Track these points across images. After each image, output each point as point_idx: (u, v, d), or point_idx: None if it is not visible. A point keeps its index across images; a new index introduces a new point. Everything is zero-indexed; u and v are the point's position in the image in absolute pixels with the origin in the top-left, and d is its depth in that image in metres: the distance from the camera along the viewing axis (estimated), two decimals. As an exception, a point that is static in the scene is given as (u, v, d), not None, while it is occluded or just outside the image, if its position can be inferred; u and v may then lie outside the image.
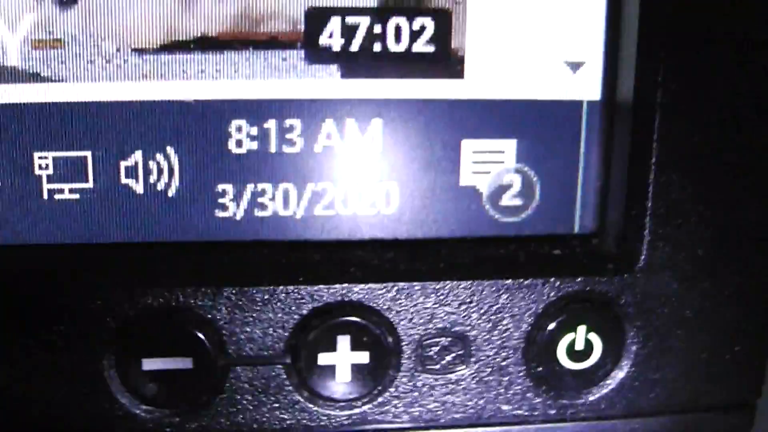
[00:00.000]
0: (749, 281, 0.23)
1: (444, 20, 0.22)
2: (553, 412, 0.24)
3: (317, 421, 0.23)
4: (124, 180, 0.23)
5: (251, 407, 0.23)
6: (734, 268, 0.23)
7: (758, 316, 0.24)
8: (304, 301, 0.22)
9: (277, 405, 0.23)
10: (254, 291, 0.22)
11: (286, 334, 0.22)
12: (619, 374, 0.24)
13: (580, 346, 0.23)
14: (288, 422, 0.23)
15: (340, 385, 0.23)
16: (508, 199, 0.24)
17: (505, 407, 0.23)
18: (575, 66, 0.23)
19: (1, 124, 0.22)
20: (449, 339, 0.23)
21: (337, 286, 0.22)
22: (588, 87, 0.23)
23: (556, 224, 0.24)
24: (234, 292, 0.22)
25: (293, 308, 0.22)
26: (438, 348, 0.23)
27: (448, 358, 0.23)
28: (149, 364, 0.22)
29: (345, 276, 0.22)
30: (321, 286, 0.22)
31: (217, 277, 0.22)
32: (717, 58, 0.22)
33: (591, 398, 0.24)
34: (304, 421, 0.23)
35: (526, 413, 0.23)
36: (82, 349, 0.22)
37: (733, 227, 0.23)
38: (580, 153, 0.23)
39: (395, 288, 0.22)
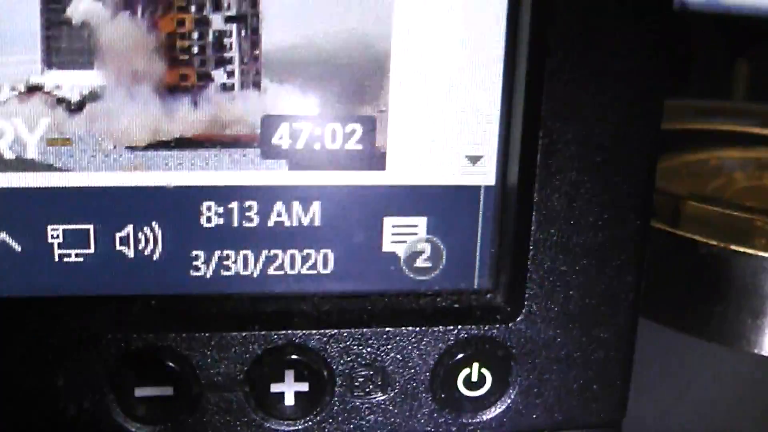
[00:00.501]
0: (610, 328, 0.30)
1: (370, 125, 0.29)
2: (454, 429, 0.30)
3: (269, 435, 0.30)
4: (118, 247, 0.29)
5: (218, 424, 0.29)
6: (597, 320, 0.30)
7: (619, 354, 0.30)
8: (259, 343, 0.29)
9: (238, 423, 0.29)
10: (221, 335, 0.29)
11: (245, 368, 0.29)
12: (507, 400, 0.30)
13: (474, 378, 0.30)
14: (246, 436, 0.30)
15: (287, 407, 0.29)
16: (420, 262, 0.30)
17: (416, 425, 0.30)
18: (475, 159, 0.29)
19: (22, 202, 0.28)
20: (371, 372, 0.29)
21: (284, 331, 0.29)
22: (485, 175, 0.29)
23: (459, 282, 0.30)
24: (206, 335, 0.29)
25: (251, 348, 0.29)
26: (363, 379, 0.29)
27: (371, 386, 0.29)
28: (140, 392, 0.28)
29: (291, 324, 0.29)
30: (272, 332, 0.29)
31: (192, 323, 0.28)
32: (587, 153, 0.29)
33: (485, 418, 0.30)
34: (259, 435, 0.30)
35: (432, 429, 0.30)
36: (87, 380, 0.28)
37: (597, 289, 0.29)
38: (479, 227, 0.30)
39: (329, 333, 0.29)
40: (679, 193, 0.38)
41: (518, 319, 0.29)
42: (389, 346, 0.29)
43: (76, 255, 0.29)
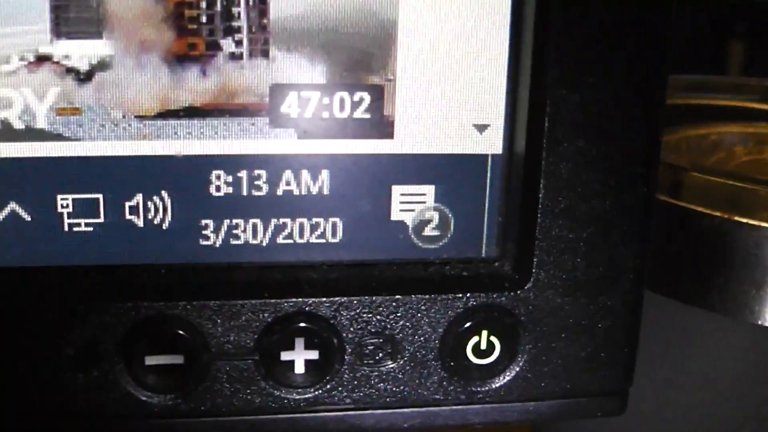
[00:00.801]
0: (617, 296, 0.30)
1: (378, 93, 0.29)
2: (463, 396, 0.31)
3: (279, 403, 0.30)
4: (128, 216, 0.29)
5: (228, 392, 0.30)
6: (604, 288, 0.30)
7: (625, 323, 0.31)
8: (268, 311, 0.29)
9: (248, 391, 0.30)
10: (230, 303, 0.29)
11: (255, 336, 0.29)
12: (515, 368, 0.31)
13: (483, 346, 0.30)
14: (257, 404, 0.30)
15: (297, 375, 0.30)
16: (428, 231, 0.30)
17: (425, 393, 0.30)
18: (482, 128, 0.30)
19: (32, 172, 0.28)
20: (381, 340, 0.30)
21: (293, 299, 0.29)
22: (492, 144, 0.30)
23: (467, 251, 0.30)
24: (215, 304, 0.29)
25: (260, 316, 0.29)
26: (372, 347, 0.30)
27: (380, 355, 0.30)
28: (150, 360, 0.29)
29: (300, 292, 0.29)
30: (281, 300, 0.29)
31: (202, 292, 0.29)
32: (593, 122, 0.29)
33: (493, 386, 0.31)
34: (269, 403, 0.30)
35: (442, 397, 0.30)
36: (97, 349, 0.28)
37: (603, 257, 0.30)
38: (486, 196, 0.30)
39: (338, 301, 0.29)
40: (681, 165, 0.38)
41: (526, 287, 0.30)
42: (398, 314, 0.30)
43: (86, 224, 0.29)
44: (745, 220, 0.36)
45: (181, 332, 0.29)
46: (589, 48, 0.28)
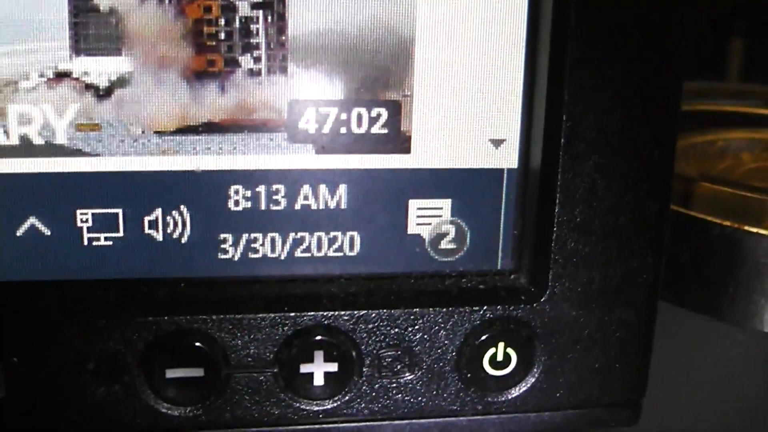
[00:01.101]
0: (631, 309, 0.31)
1: (395, 109, 0.29)
2: (480, 407, 0.31)
3: (298, 415, 0.30)
4: (147, 231, 0.29)
5: (248, 405, 0.30)
6: (619, 301, 0.31)
7: (639, 335, 0.31)
8: (288, 324, 0.30)
9: (267, 403, 0.30)
10: (250, 317, 0.29)
11: (274, 349, 0.30)
12: (531, 379, 0.31)
13: (500, 358, 0.31)
14: (276, 415, 0.30)
15: (316, 388, 0.30)
16: (445, 244, 0.31)
17: (442, 403, 0.31)
18: (498, 143, 0.30)
19: (51, 187, 0.28)
20: (399, 352, 0.30)
21: (312, 313, 0.30)
22: (508, 158, 0.30)
23: (483, 264, 0.31)
24: (235, 317, 0.29)
25: (280, 330, 0.30)
26: (390, 359, 0.30)
27: (398, 366, 0.30)
28: (171, 374, 0.29)
29: (319, 305, 0.30)
30: (300, 313, 0.30)
31: (221, 306, 0.29)
32: (608, 137, 0.30)
33: (509, 397, 0.31)
34: (288, 415, 0.30)
35: (458, 408, 0.31)
36: (118, 363, 0.29)
37: (618, 271, 0.30)
38: (502, 209, 0.31)
39: (357, 314, 0.30)
40: (689, 174, 0.39)
41: (542, 300, 0.30)
42: (416, 327, 0.30)
43: (105, 239, 0.29)
44: (754, 230, 0.37)
45: (200, 345, 0.29)
46: (604, 64, 0.29)
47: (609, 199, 0.30)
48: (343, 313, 0.30)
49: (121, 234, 0.29)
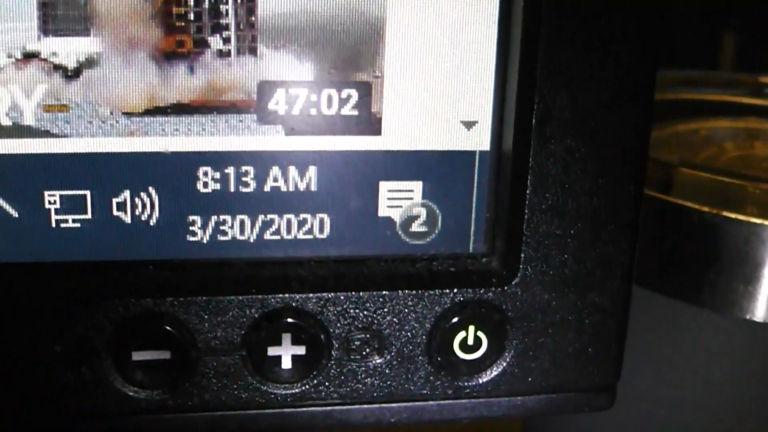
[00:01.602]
0: (605, 293, 0.31)
1: (366, 90, 0.29)
2: (450, 391, 0.31)
3: (266, 398, 0.30)
4: (115, 212, 0.29)
5: (216, 388, 0.30)
6: (592, 284, 0.31)
7: (613, 319, 0.31)
8: (255, 307, 0.30)
9: (235, 386, 0.30)
10: (218, 299, 0.29)
11: (242, 332, 0.30)
12: (502, 363, 0.31)
13: (471, 341, 0.31)
14: (244, 399, 0.30)
15: (284, 371, 0.30)
16: (416, 227, 0.31)
17: (412, 387, 0.31)
18: (470, 124, 0.30)
19: (19, 169, 0.28)
20: (368, 335, 0.30)
21: (280, 295, 0.30)
22: (480, 141, 0.30)
23: (454, 247, 0.31)
24: (203, 299, 0.29)
25: (248, 312, 0.29)
26: (359, 342, 0.30)
27: (368, 350, 0.30)
28: (138, 356, 0.29)
29: (287, 288, 0.30)
30: (269, 296, 0.30)
31: (189, 288, 0.29)
32: (581, 120, 0.30)
33: (481, 381, 0.31)
34: (257, 398, 0.30)
35: (429, 392, 0.31)
36: (86, 346, 0.29)
37: (591, 254, 0.30)
38: (474, 192, 0.31)
39: (326, 297, 0.30)
40: (671, 161, 0.39)
41: (513, 283, 0.30)
42: (385, 310, 0.30)
43: (73, 221, 0.29)
44: (734, 216, 0.37)
45: (168, 328, 0.29)
46: (577, 46, 0.29)
47: (582, 182, 0.30)
48: (311, 295, 0.30)
49: (89, 216, 0.29)
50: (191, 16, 0.28)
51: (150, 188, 0.29)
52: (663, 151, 0.42)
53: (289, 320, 0.30)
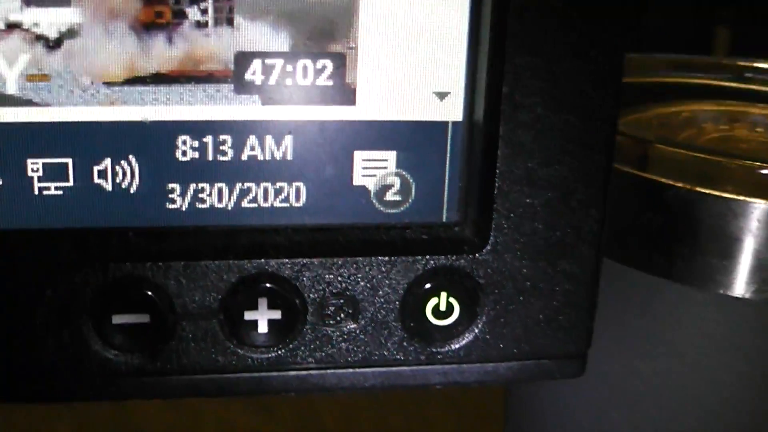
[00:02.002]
0: (575, 261, 0.32)
1: (340, 61, 0.30)
2: (423, 357, 0.32)
3: (243, 363, 0.31)
4: (96, 180, 0.30)
5: (194, 352, 0.31)
6: (563, 252, 0.31)
7: (584, 287, 0.32)
8: (232, 271, 0.30)
9: (213, 350, 0.31)
10: (196, 264, 0.30)
11: (219, 296, 0.30)
12: (475, 330, 0.32)
13: (443, 308, 0.31)
14: (221, 363, 0.31)
15: (260, 335, 0.31)
16: (390, 196, 0.32)
17: (385, 352, 0.32)
18: (442, 95, 0.31)
19: (2, 137, 0.29)
20: (342, 301, 0.31)
21: (257, 260, 0.30)
22: (452, 111, 0.31)
23: (428, 215, 0.32)
24: (181, 265, 0.30)
25: (224, 277, 0.30)
26: (334, 308, 0.31)
27: (342, 315, 0.31)
28: (117, 319, 0.30)
29: (264, 254, 0.31)
30: (245, 261, 0.30)
31: (168, 254, 0.30)
32: (552, 89, 0.30)
33: (453, 347, 0.32)
34: (233, 362, 0.31)
35: (402, 358, 0.32)
36: (66, 308, 0.30)
37: (561, 222, 0.31)
38: (447, 162, 0.31)
39: (301, 262, 0.31)
40: (648, 137, 0.40)
41: (485, 251, 0.31)
42: (359, 275, 0.31)
43: (56, 188, 0.30)
44: (708, 191, 0.37)
45: (147, 293, 0.30)
46: (548, 16, 0.30)
47: (552, 151, 0.30)
48: (287, 261, 0.30)
49: (71, 184, 0.30)
50: (170, -12, 0.29)
51: (130, 156, 0.30)
52: (644, 131, 0.43)
53: (265, 285, 0.30)
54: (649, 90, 0.48)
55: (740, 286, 0.38)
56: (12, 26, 0.29)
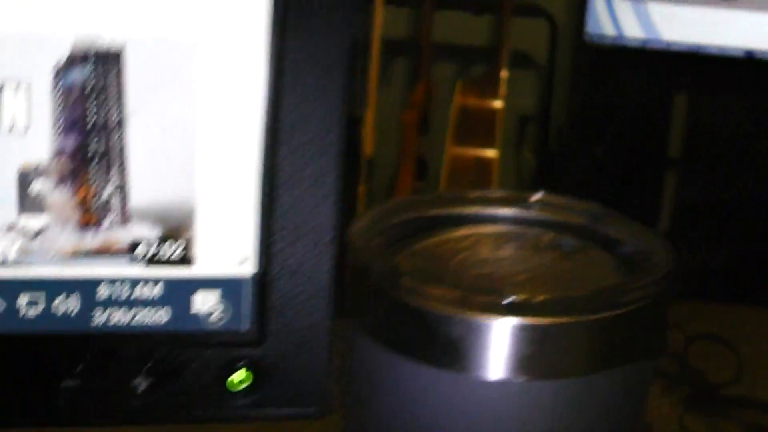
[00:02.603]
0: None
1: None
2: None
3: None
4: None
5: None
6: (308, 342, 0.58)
7: (315, 350, 0.58)
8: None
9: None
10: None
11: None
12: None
13: (240, 378, 0.58)
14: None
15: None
16: (214, 317, 0.58)
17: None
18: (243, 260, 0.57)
19: None
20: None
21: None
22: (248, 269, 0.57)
23: (232, 326, 0.58)
24: None
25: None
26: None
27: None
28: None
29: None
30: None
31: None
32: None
33: (249, 401, 0.58)
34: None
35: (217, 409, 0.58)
36: None
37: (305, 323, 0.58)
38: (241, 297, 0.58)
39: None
40: (404, 269, 0.65)
41: (263, 345, 0.57)
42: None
43: None
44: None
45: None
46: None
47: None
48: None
49: None
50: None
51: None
52: (418, 262, 0.68)
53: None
54: (436, 222, 0.72)
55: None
56: (11, 227, 0.55)
